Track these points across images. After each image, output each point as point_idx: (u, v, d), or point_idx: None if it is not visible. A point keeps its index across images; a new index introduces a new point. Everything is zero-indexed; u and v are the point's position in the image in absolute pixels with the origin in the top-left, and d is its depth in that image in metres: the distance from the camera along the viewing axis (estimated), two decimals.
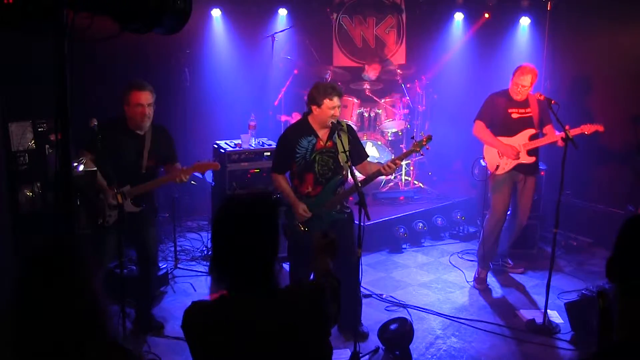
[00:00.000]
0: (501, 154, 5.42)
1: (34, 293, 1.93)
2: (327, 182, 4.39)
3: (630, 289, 1.49)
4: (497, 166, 5.46)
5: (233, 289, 2.02)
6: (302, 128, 4.41)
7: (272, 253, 2.04)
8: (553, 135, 5.31)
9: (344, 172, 4.43)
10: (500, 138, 5.42)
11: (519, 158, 5.38)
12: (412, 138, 4.44)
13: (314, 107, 4.34)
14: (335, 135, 4.28)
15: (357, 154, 4.50)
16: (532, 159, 5.44)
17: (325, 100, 4.27)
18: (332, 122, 4.30)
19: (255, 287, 2.01)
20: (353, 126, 5.27)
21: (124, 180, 4.35)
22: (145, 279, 4.75)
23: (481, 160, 5.86)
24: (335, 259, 2.51)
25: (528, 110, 5.38)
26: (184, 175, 4.49)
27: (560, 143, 4.99)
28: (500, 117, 5.42)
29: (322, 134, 4.38)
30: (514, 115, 5.39)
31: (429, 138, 4.31)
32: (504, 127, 5.42)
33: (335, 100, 4.27)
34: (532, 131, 5.40)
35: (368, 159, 4.61)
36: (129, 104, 4.36)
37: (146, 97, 4.38)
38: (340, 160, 4.35)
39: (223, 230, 2.02)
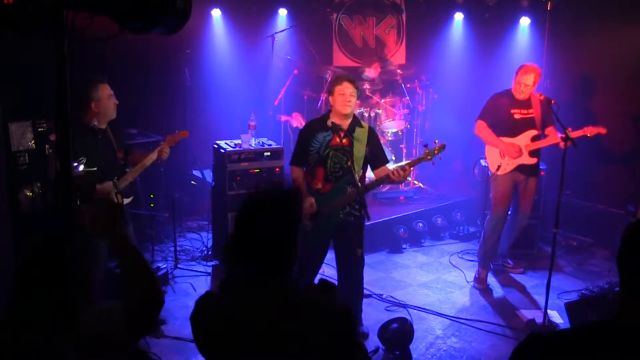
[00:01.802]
0: (503, 154, 5.42)
1: (29, 291, 1.94)
2: (336, 180, 4.36)
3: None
4: (499, 166, 5.46)
5: (247, 281, 2.00)
6: (321, 122, 4.43)
7: (289, 247, 2.01)
8: (555, 136, 5.31)
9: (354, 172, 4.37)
10: (502, 138, 5.42)
11: (520, 157, 5.38)
12: (425, 146, 4.40)
13: (330, 98, 4.40)
14: (356, 134, 4.27)
15: (375, 158, 4.46)
16: (533, 160, 5.44)
17: (335, 87, 4.34)
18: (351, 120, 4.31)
19: (269, 281, 1.98)
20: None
21: (107, 176, 4.36)
22: None
23: (482, 160, 5.86)
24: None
25: (530, 111, 5.38)
26: (166, 150, 4.58)
27: (562, 144, 4.99)
28: (502, 118, 5.42)
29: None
30: (517, 116, 5.39)
31: (442, 147, 4.28)
32: (506, 127, 5.42)
33: (345, 85, 4.30)
34: (534, 132, 5.40)
35: (387, 165, 4.55)
36: (100, 99, 4.33)
37: (110, 88, 4.42)
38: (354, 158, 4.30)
39: (244, 222, 2.02)
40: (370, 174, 4.61)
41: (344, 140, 4.31)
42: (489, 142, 5.48)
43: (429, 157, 4.30)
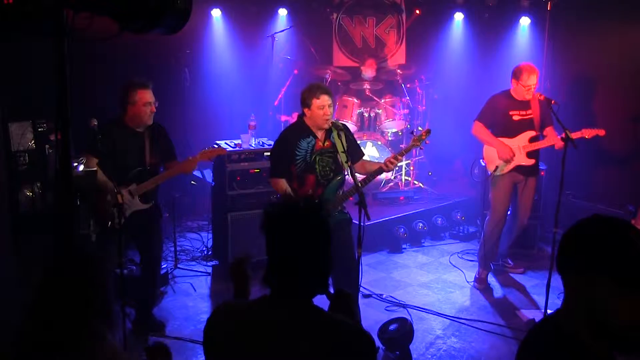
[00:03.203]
0: (499, 155, 5.43)
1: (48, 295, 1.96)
2: (328, 183, 4.37)
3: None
4: (497, 167, 5.46)
5: (274, 294, 1.94)
6: (300, 129, 4.39)
7: (318, 264, 1.92)
8: (553, 138, 5.31)
9: (345, 172, 4.41)
10: (501, 139, 5.42)
11: (513, 159, 5.37)
12: (412, 133, 4.46)
13: (305, 109, 4.34)
14: (334, 134, 4.27)
15: (354, 153, 4.47)
16: (531, 161, 5.43)
17: (313, 100, 4.25)
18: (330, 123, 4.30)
19: (293, 297, 1.90)
20: (351, 127, 5.25)
21: (130, 179, 4.37)
22: (149, 281, 4.72)
23: (481, 160, 5.86)
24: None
25: (529, 112, 5.38)
26: (194, 164, 4.54)
27: (560, 144, 4.99)
28: (500, 119, 5.42)
29: (320, 134, 4.37)
30: (515, 117, 5.39)
31: (428, 132, 4.32)
32: (505, 128, 5.42)
33: (323, 99, 4.23)
34: (532, 133, 5.40)
35: (364, 158, 4.60)
36: (136, 104, 4.35)
37: (151, 95, 4.41)
38: (341, 159, 4.33)
39: (274, 234, 1.93)
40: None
41: (326, 143, 4.36)
42: (486, 142, 5.49)
43: (417, 144, 4.34)
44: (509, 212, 5.63)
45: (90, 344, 1.96)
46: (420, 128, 4.46)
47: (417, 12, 8.27)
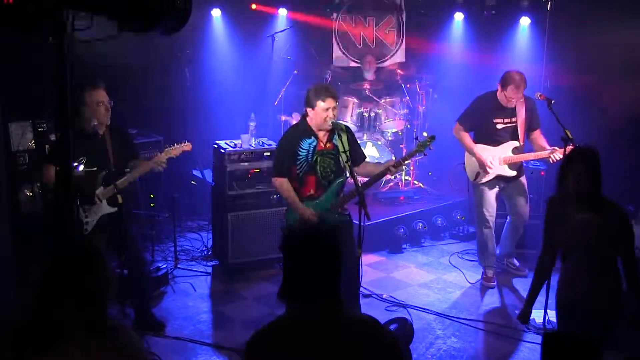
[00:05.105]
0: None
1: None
2: (329, 184, 4.37)
3: None
4: (478, 174, 5.42)
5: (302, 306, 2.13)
6: (302, 130, 4.38)
7: (333, 274, 2.15)
8: (539, 148, 5.24)
9: (345, 173, 4.41)
10: (483, 146, 5.36)
11: (498, 168, 5.32)
12: (416, 139, 4.43)
13: (308, 110, 4.32)
14: (336, 135, 4.26)
15: (355, 155, 4.47)
16: (513, 173, 5.37)
17: (317, 102, 4.24)
18: (331, 122, 4.28)
19: (321, 305, 2.10)
20: (351, 127, 5.24)
21: (97, 183, 4.34)
22: (134, 282, 4.64)
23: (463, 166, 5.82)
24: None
25: (514, 119, 5.30)
26: (160, 163, 4.49)
27: (554, 159, 4.95)
28: (483, 125, 5.36)
29: (322, 135, 4.36)
30: (499, 125, 5.31)
31: (432, 138, 4.28)
32: (487, 135, 5.35)
33: (328, 102, 4.22)
34: (515, 144, 5.32)
35: (366, 160, 4.59)
36: (89, 104, 4.30)
37: (104, 94, 4.37)
38: (341, 160, 4.33)
39: (295, 257, 2.16)
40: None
41: (328, 145, 4.35)
42: (464, 147, 5.45)
43: (421, 149, 4.30)
44: (507, 218, 5.59)
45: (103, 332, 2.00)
46: (425, 133, 4.40)
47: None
